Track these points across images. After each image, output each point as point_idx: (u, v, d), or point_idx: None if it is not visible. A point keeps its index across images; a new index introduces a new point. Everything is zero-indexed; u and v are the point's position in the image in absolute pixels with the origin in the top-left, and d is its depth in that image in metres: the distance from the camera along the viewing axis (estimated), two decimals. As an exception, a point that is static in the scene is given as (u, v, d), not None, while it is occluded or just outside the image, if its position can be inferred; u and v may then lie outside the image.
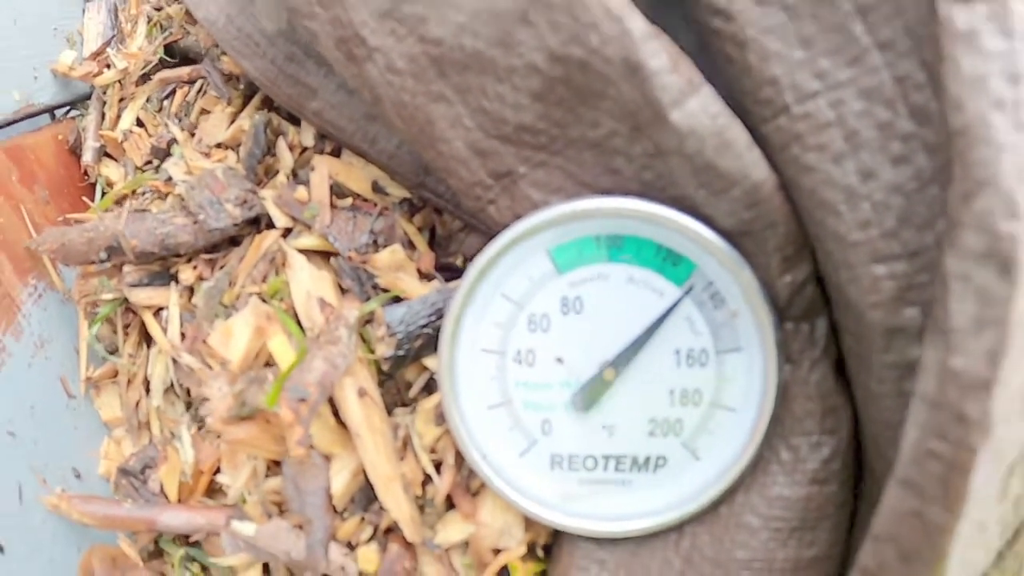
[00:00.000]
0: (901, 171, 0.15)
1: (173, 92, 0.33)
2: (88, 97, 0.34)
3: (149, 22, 0.34)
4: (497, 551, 0.21)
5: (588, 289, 0.20)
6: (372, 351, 0.22)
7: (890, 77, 0.15)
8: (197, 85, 0.32)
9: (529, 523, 0.21)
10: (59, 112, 0.34)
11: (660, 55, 0.16)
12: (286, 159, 0.26)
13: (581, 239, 0.19)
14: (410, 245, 0.24)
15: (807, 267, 0.18)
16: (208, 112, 0.32)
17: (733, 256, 0.18)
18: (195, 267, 0.26)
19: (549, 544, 0.21)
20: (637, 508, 0.20)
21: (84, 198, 0.33)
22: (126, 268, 0.27)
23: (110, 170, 0.32)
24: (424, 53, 0.19)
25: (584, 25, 0.16)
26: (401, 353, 0.21)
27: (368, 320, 0.22)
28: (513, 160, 0.20)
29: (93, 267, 0.28)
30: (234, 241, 0.26)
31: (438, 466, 0.21)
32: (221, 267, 0.26)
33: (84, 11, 0.35)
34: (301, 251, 0.24)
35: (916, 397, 0.13)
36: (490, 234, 0.24)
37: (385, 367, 0.21)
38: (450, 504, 0.22)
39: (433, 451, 0.21)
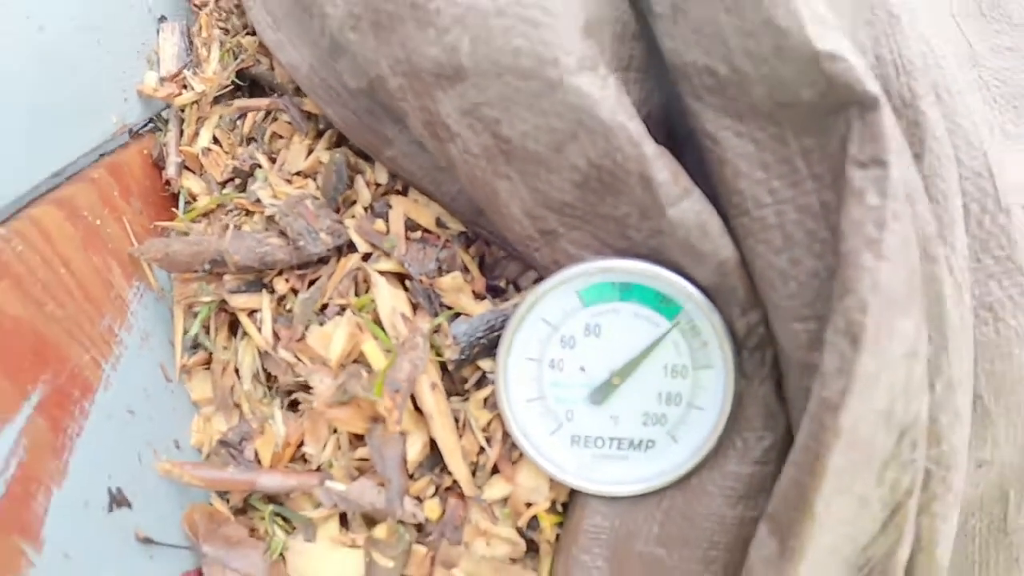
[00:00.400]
0: (818, 263, 0.26)
1: (244, 114, 0.42)
2: (159, 111, 0.43)
3: (222, 47, 0.43)
4: (529, 504, 0.32)
5: (605, 319, 0.30)
6: (439, 355, 0.33)
7: (817, 200, 0.26)
8: (264, 110, 0.42)
9: (553, 485, 0.32)
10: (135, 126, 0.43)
11: (664, 171, 0.27)
12: (364, 195, 0.36)
13: (602, 284, 0.30)
14: (465, 270, 0.35)
15: (758, 315, 0.29)
16: (280, 136, 0.41)
17: (707, 304, 0.29)
18: (287, 280, 0.36)
19: (566, 502, 0.33)
20: (632, 476, 0.31)
21: (166, 207, 0.42)
22: (226, 277, 0.37)
23: (191, 182, 0.42)
24: (495, 145, 0.29)
25: (613, 146, 0.27)
26: (463, 357, 0.32)
27: (435, 330, 0.33)
28: (555, 223, 0.30)
29: (191, 274, 0.38)
30: (319, 259, 0.36)
31: (488, 441, 0.32)
32: (311, 282, 0.36)
33: (159, 31, 0.44)
34: (381, 273, 0.34)
35: (806, 412, 0.24)
36: (530, 266, 0.35)
37: (450, 367, 0.32)
38: (494, 470, 0.33)
39: (484, 430, 0.32)
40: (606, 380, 0.30)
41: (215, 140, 0.42)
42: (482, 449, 0.32)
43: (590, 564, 0.31)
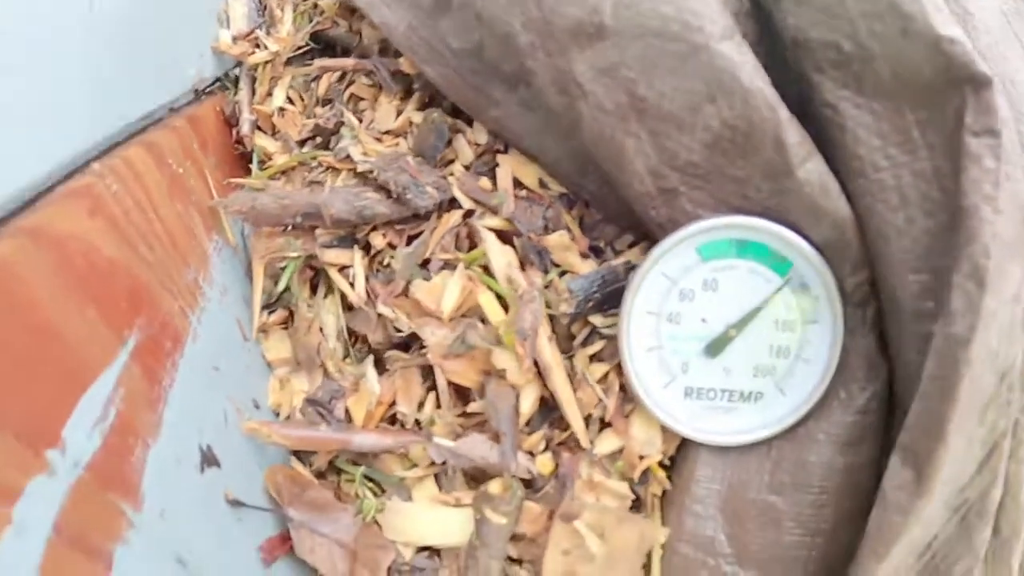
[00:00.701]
0: (929, 222, 0.31)
1: (319, 76, 0.45)
2: (228, 71, 0.45)
3: (295, 9, 0.45)
4: (641, 458, 0.35)
5: (722, 274, 0.34)
6: (548, 308, 0.36)
7: (930, 165, 0.31)
8: (339, 72, 0.44)
9: (665, 437, 0.35)
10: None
11: (795, 134, 0.31)
12: (466, 153, 0.39)
13: (721, 240, 0.34)
14: (567, 230, 0.38)
15: (866, 273, 0.34)
16: (360, 98, 0.44)
17: (819, 261, 0.33)
18: (384, 235, 0.38)
19: (673, 456, 0.36)
20: (742, 427, 0.35)
21: (238, 165, 0.44)
22: (317, 231, 0.39)
23: (265, 141, 0.43)
24: (629, 104, 0.33)
25: (751, 108, 0.31)
26: (577, 312, 0.35)
27: (546, 286, 0.36)
28: (677, 182, 0.34)
29: (275, 229, 0.40)
30: (416, 215, 0.39)
31: (606, 393, 0.35)
32: (411, 237, 0.38)
33: (228, -10, 0.46)
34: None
35: (932, 350, 0.29)
36: (626, 230, 0.39)
37: (564, 321, 0.35)
38: (603, 425, 0.36)
39: (600, 383, 0.35)
40: (722, 333, 0.34)
41: (289, 100, 0.44)
42: (599, 401, 0.35)
43: (703, 514, 0.35)
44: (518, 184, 0.39)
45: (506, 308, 0.36)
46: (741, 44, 0.32)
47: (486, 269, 0.36)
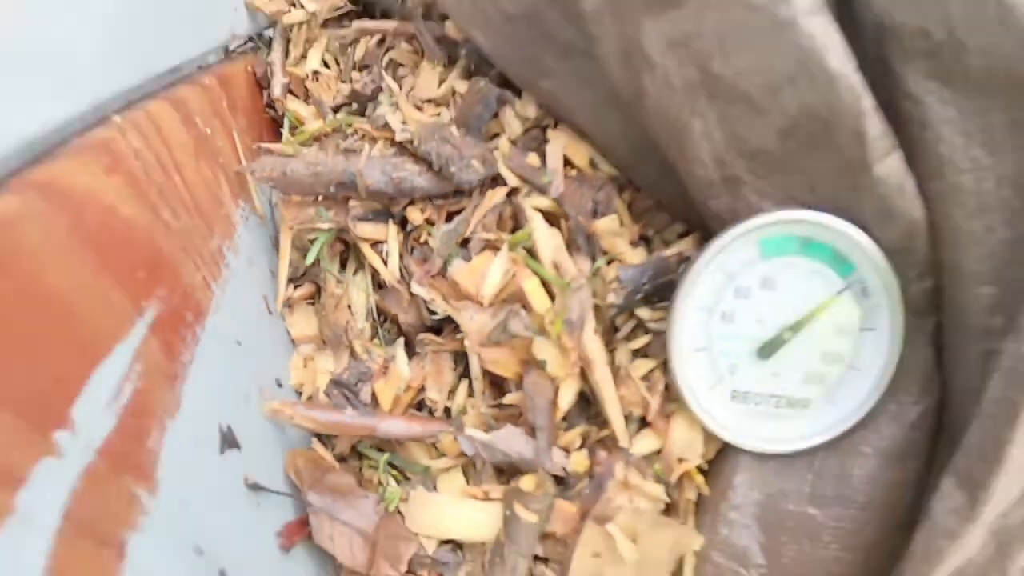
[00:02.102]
0: (1008, 232, 0.28)
1: (357, 40, 0.41)
2: (262, 31, 0.42)
3: (334, -33, 0.42)
4: (680, 460, 0.33)
5: (782, 273, 0.32)
6: (594, 298, 0.33)
7: (1016, 170, 0.28)
8: (378, 36, 0.41)
9: (705, 441, 0.33)
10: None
11: (878, 126, 0.28)
12: (514, 127, 0.36)
13: (784, 236, 0.31)
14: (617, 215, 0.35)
15: (930, 281, 0.31)
16: (399, 64, 0.40)
17: (885, 265, 0.31)
18: (423, 210, 0.35)
19: (710, 460, 0.34)
20: (786, 435, 0.33)
21: (268, 129, 0.40)
22: (351, 203, 0.36)
23: (297, 106, 0.40)
24: (700, 80, 0.30)
25: (834, 95, 0.28)
26: (623, 304, 0.32)
27: (593, 274, 0.33)
28: (743, 171, 0.31)
29: (306, 198, 0.37)
30: (457, 191, 0.36)
31: (650, 392, 0.33)
32: (451, 214, 0.35)
33: (264, -57, 0.42)
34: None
35: (998, 369, 0.26)
36: (678, 220, 0.35)
37: (610, 314, 0.32)
38: (641, 424, 0.33)
39: (645, 380, 0.33)
40: (776, 335, 0.32)
41: (324, 64, 0.41)
42: (641, 400, 0.32)
43: (740, 522, 0.32)
44: (568, 163, 0.36)
45: (551, 296, 0.33)
46: (830, 21, 0.28)
47: (530, 252, 0.33)
